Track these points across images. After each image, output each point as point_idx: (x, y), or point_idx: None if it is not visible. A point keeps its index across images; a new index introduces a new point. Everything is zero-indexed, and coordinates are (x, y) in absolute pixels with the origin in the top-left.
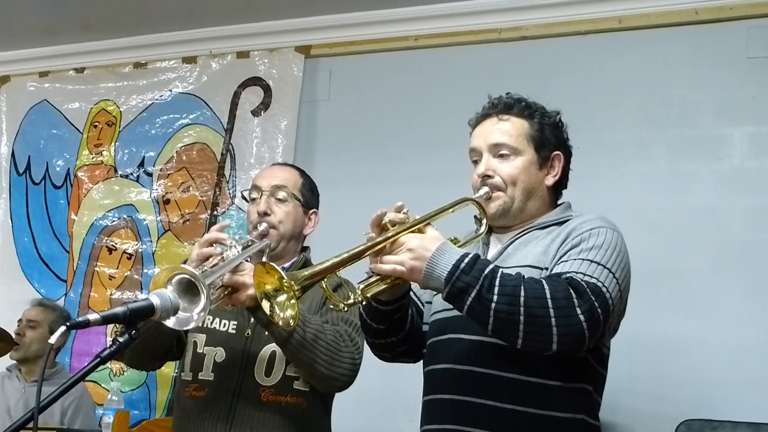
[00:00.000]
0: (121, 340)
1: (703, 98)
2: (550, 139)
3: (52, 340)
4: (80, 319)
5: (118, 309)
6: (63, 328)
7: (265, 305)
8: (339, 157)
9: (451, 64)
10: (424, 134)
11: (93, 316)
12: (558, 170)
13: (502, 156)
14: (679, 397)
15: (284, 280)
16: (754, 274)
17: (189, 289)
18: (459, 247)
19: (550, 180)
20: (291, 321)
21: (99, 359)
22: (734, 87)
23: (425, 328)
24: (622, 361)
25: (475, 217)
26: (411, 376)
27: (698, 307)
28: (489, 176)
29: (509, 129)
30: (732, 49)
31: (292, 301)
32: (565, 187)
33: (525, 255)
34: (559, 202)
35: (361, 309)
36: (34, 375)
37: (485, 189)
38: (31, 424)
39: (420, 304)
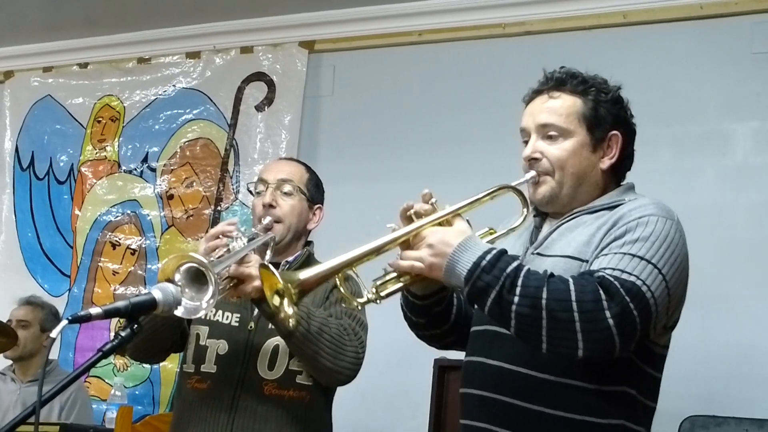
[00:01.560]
0: (123, 334)
1: (707, 94)
2: (605, 117)
3: (54, 333)
4: (82, 312)
5: (120, 303)
6: (65, 322)
7: (276, 300)
8: (342, 152)
9: (455, 59)
10: (428, 129)
11: (95, 310)
12: (615, 151)
13: (550, 137)
14: (683, 393)
15: (283, 284)
16: (759, 270)
17: (197, 278)
18: (493, 239)
19: (605, 163)
20: (291, 320)
21: (101, 353)
22: (739, 82)
23: None
24: None
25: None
26: (413, 372)
27: (702, 303)
28: (536, 159)
29: (559, 108)
30: (736, 45)
31: (293, 300)
32: (629, 169)
33: (568, 243)
34: (621, 184)
35: (401, 301)
36: (29, 375)
37: (532, 173)
38: (31, 420)
39: None
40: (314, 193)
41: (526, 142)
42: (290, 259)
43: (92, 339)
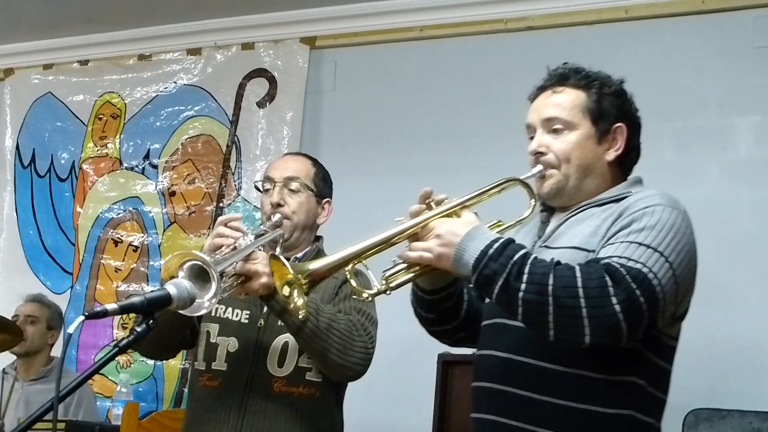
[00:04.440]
0: (138, 329)
1: (709, 88)
2: (609, 110)
3: (72, 329)
4: (98, 308)
5: (136, 299)
6: (82, 318)
7: (285, 291)
8: (344, 148)
9: (457, 54)
10: (429, 125)
11: (111, 306)
12: (621, 143)
13: (555, 131)
14: (688, 386)
15: (293, 274)
16: (761, 265)
17: (200, 275)
18: (501, 230)
19: (611, 155)
20: (301, 311)
21: (117, 348)
22: (740, 77)
23: None
24: None
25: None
26: (419, 367)
27: (705, 297)
28: (542, 153)
29: (563, 101)
30: (738, 39)
31: (303, 291)
32: (635, 162)
33: (574, 235)
34: (627, 178)
35: (411, 296)
36: (32, 373)
37: (539, 167)
38: (44, 417)
39: None
40: (322, 187)
41: (532, 138)
42: (299, 255)
43: (95, 336)
